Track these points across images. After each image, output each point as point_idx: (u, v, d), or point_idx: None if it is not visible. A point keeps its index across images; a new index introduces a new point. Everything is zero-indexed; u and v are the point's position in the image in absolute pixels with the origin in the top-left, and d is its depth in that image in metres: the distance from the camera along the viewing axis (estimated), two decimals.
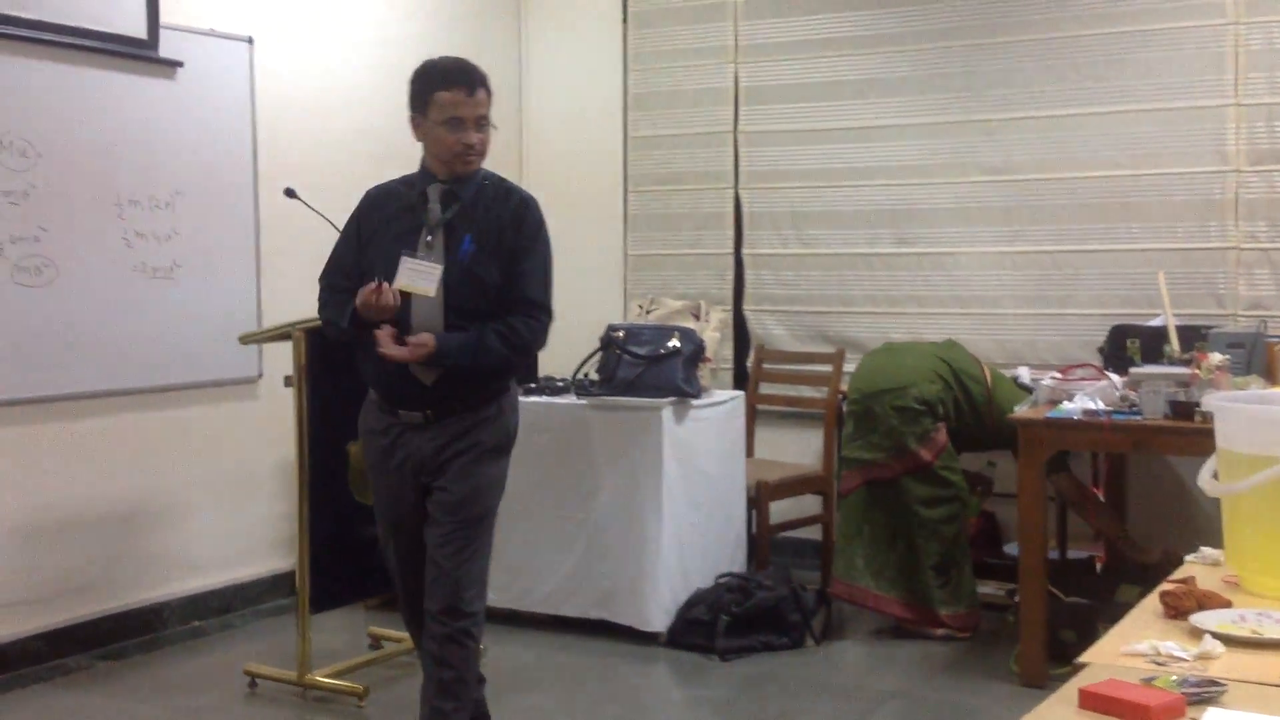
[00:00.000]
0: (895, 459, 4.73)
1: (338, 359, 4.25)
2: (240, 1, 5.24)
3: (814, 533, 5.52)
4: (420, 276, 3.32)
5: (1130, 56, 5.36)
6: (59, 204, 4.57)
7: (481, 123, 3.41)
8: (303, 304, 4.69)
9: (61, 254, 4.57)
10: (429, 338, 3.30)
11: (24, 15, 4.42)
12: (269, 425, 5.20)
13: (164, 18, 4.84)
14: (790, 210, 6.09)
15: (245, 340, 4.58)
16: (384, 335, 3.30)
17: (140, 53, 4.79)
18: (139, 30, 4.77)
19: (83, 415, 4.71)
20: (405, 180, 3.54)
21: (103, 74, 4.71)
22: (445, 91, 3.38)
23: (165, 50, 4.86)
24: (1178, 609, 2.08)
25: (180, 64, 4.93)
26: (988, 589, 5.09)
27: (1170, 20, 5.28)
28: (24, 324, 4.47)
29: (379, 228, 3.46)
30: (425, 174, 3.49)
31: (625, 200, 6.51)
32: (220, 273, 5.12)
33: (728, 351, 6.17)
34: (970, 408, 4.82)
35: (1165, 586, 2.16)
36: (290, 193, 4.44)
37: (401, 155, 5.96)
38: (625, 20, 6.45)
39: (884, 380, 4.83)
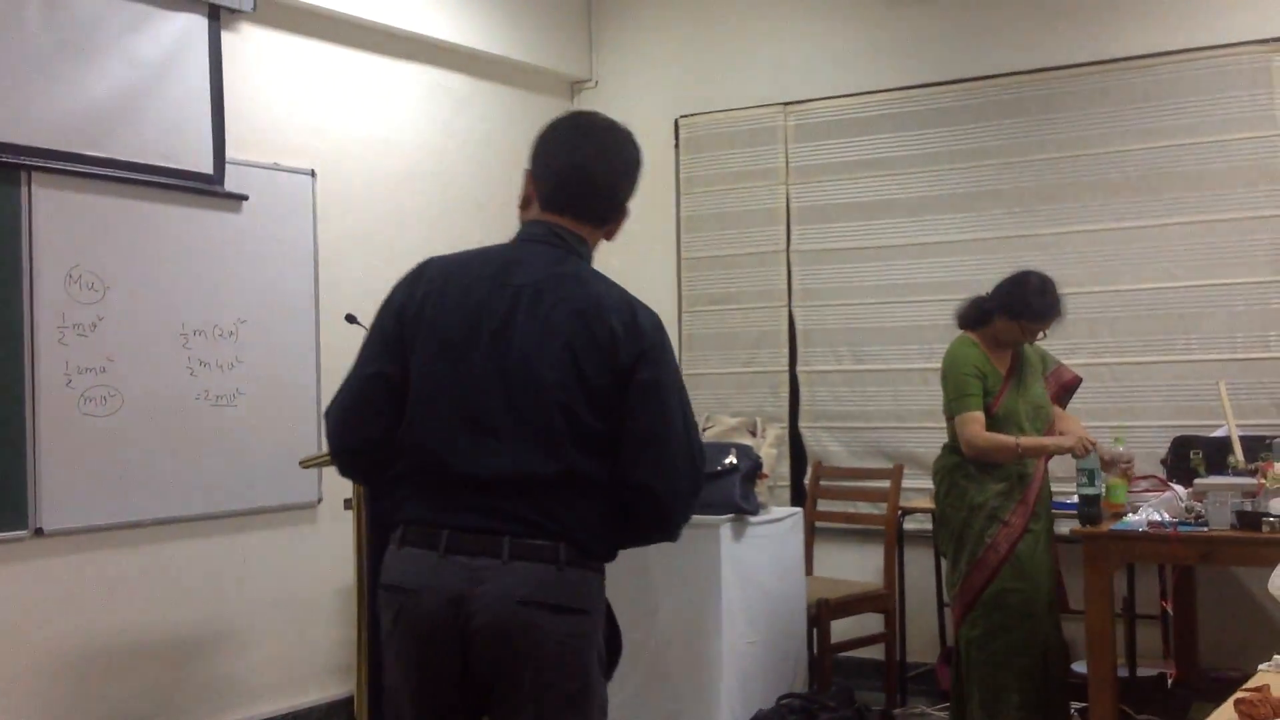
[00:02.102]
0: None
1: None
2: (303, 137, 5.40)
3: (876, 652, 5.42)
4: None
5: (1181, 169, 5.38)
6: (126, 335, 4.68)
7: None
8: None
9: (127, 384, 4.67)
10: None
11: (95, 154, 4.59)
12: (328, 550, 5.23)
13: (230, 153, 5.00)
14: (844, 327, 6.12)
15: (306, 464, 4.63)
16: None
17: (207, 187, 4.94)
18: (206, 166, 4.93)
19: (145, 542, 4.76)
20: None
21: (170, 208, 4.85)
22: None
23: (231, 184, 5.01)
24: (1253, 717, 2.04)
25: (245, 197, 5.08)
26: None
27: (1220, 133, 5.31)
28: (89, 453, 4.55)
29: None
30: None
31: (680, 320, 6.57)
32: (281, 399, 5.20)
33: (785, 468, 6.15)
34: None
35: (1240, 695, 2.11)
36: (351, 319, 4.55)
37: None
38: (677, 145, 6.57)
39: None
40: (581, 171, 2.49)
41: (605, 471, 2.34)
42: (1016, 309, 4.46)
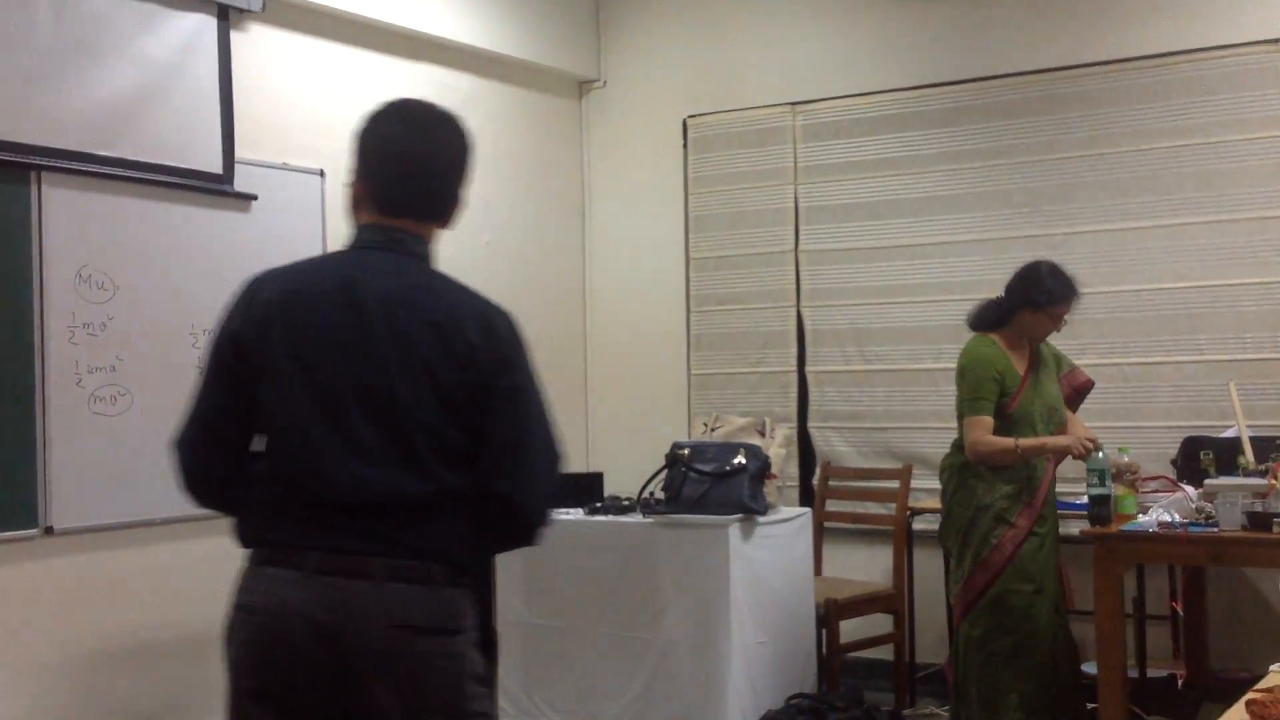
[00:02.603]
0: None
1: None
2: (312, 136, 5.41)
3: (885, 652, 5.42)
4: None
5: (1190, 169, 5.37)
6: (135, 334, 4.68)
7: None
8: None
9: (136, 383, 4.67)
10: None
11: (105, 153, 4.59)
12: None
13: (239, 153, 5.00)
14: (853, 327, 6.11)
15: None
16: None
17: (216, 187, 4.95)
18: (215, 166, 4.94)
19: (154, 541, 4.76)
20: None
21: (180, 208, 4.86)
22: None
23: (240, 184, 5.02)
24: (1265, 718, 2.03)
25: (255, 197, 5.08)
26: None
27: (1229, 133, 5.30)
28: (99, 452, 4.55)
29: None
30: None
31: (688, 320, 6.57)
32: None
33: (793, 469, 6.15)
34: None
35: (1251, 696, 2.11)
36: None
37: (466, 281, 6.10)
38: (685, 145, 6.57)
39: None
40: (413, 170, 2.39)
41: (472, 482, 2.27)
42: (1038, 298, 4.46)
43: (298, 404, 2.25)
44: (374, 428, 2.21)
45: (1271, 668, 2.41)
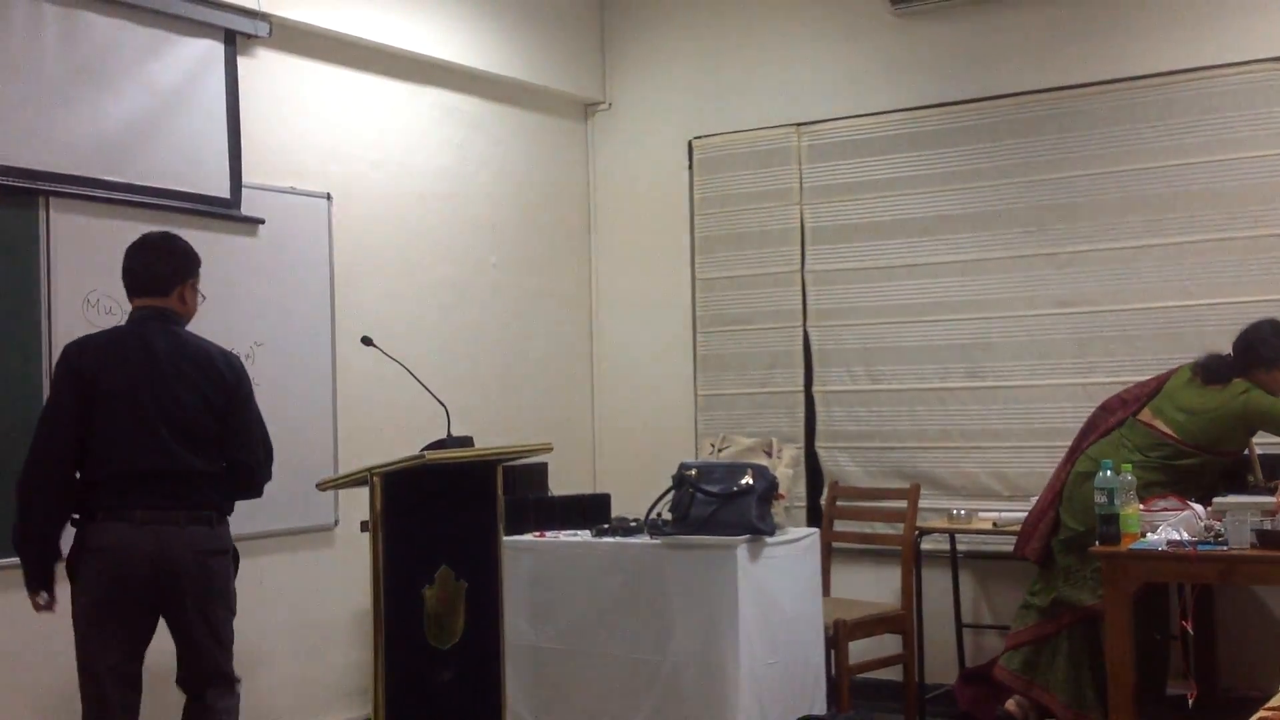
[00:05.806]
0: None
1: (414, 504, 4.29)
2: (318, 160, 5.43)
3: (895, 673, 5.40)
4: None
5: (1196, 187, 5.37)
6: None
7: None
8: (379, 449, 4.77)
9: None
10: None
11: (113, 178, 4.62)
12: (345, 572, 5.22)
13: (246, 178, 5.03)
14: (860, 347, 6.11)
15: (323, 486, 4.62)
16: None
17: (224, 211, 4.97)
18: (222, 190, 4.97)
19: None
20: None
21: (187, 232, 4.79)
22: None
23: (247, 208, 5.04)
24: None
25: (262, 221, 5.10)
26: None
27: (1234, 151, 5.31)
28: None
29: None
30: None
31: (694, 340, 6.58)
32: (298, 421, 5.21)
33: (801, 489, 6.13)
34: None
35: (1263, 714, 2.10)
36: (368, 341, 4.55)
37: (473, 303, 6.12)
38: (691, 166, 6.59)
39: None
40: (141, 269, 3.81)
41: (223, 458, 3.80)
42: (1268, 355, 4.57)
43: (122, 422, 3.62)
44: (171, 428, 3.66)
45: None
